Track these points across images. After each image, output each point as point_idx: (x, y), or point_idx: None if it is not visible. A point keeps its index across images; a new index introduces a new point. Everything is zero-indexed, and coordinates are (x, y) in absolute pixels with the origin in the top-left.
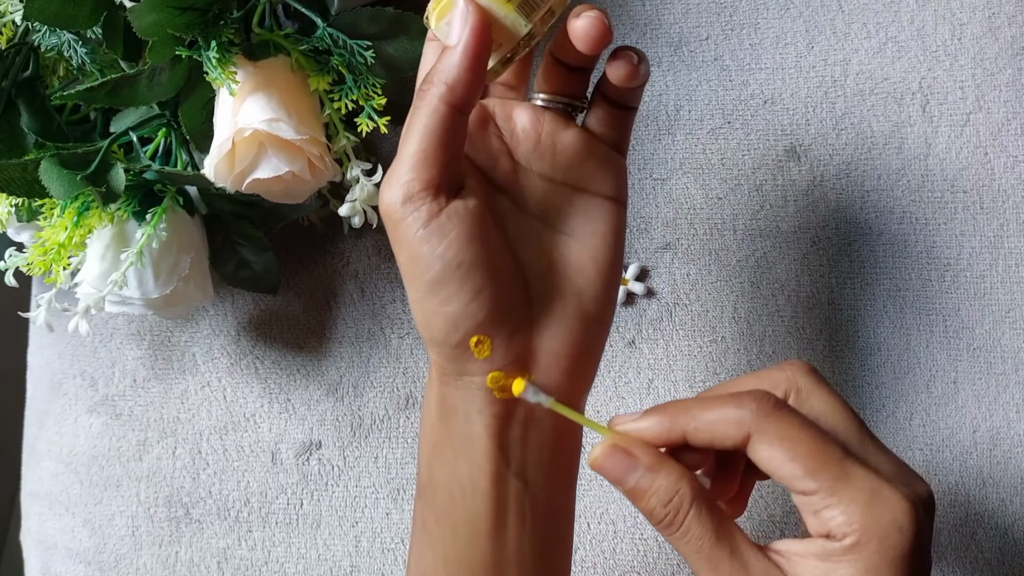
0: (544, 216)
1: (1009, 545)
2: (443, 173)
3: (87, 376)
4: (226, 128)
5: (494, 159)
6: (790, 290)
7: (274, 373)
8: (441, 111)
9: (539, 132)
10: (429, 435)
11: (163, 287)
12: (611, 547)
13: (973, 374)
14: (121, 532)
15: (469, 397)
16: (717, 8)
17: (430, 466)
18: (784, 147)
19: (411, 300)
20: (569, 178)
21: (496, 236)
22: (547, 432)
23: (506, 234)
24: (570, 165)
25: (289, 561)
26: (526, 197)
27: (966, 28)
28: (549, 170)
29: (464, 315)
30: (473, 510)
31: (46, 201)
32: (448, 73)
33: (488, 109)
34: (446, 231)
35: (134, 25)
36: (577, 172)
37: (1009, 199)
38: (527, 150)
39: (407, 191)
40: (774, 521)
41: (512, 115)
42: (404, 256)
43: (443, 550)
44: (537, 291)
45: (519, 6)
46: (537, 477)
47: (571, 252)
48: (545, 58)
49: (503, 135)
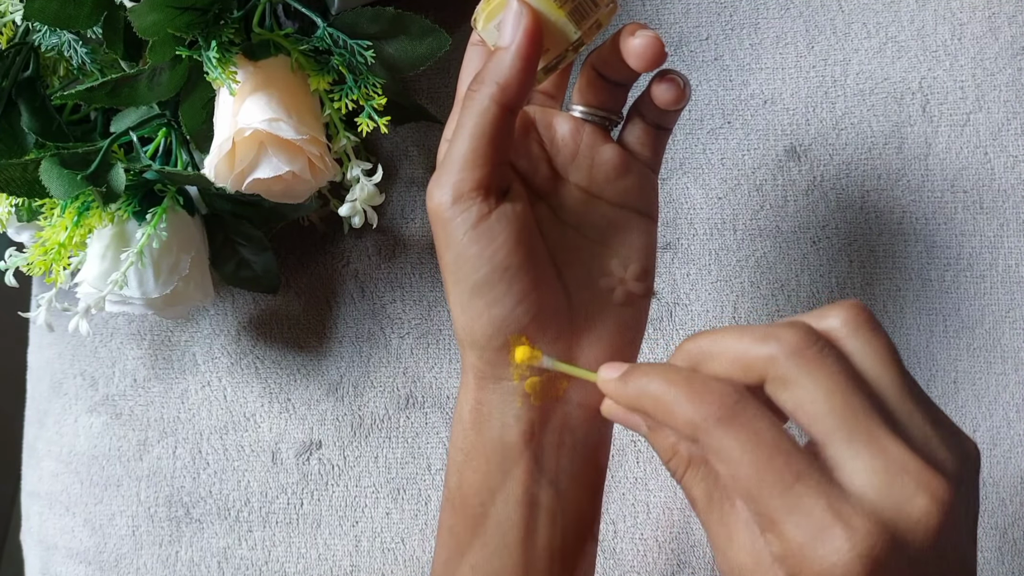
0: (579, 226)
1: (1009, 545)
2: (493, 174)
3: (87, 376)
4: (226, 128)
5: (535, 165)
6: (790, 290)
7: (274, 373)
8: (492, 111)
9: (578, 143)
10: (461, 442)
11: (163, 287)
12: (611, 547)
13: (973, 374)
14: (121, 532)
15: (506, 403)
16: (717, 8)
17: (461, 473)
18: (784, 147)
19: (453, 303)
20: (606, 192)
21: (540, 242)
22: (580, 440)
23: (545, 241)
24: (607, 179)
25: (289, 561)
26: (563, 206)
27: (966, 28)
28: (586, 182)
29: (510, 318)
30: (505, 518)
31: (46, 201)
32: (500, 73)
33: (530, 115)
34: (495, 233)
35: (134, 25)
36: (614, 187)
37: (1009, 199)
38: (565, 160)
39: (457, 191)
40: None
41: (553, 123)
42: (450, 256)
43: (472, 558)
44: (576, 299)
45: (571, 12)
46: (569, 486)
47: (606, 264)
48: (586, 71)
49: (544, 143)
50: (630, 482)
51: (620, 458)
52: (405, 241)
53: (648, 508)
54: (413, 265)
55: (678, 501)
